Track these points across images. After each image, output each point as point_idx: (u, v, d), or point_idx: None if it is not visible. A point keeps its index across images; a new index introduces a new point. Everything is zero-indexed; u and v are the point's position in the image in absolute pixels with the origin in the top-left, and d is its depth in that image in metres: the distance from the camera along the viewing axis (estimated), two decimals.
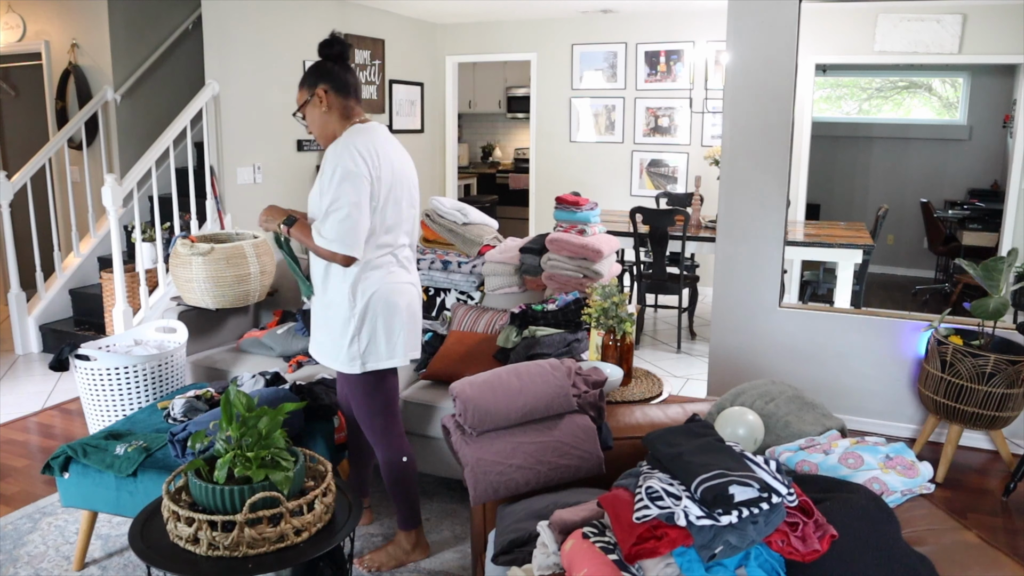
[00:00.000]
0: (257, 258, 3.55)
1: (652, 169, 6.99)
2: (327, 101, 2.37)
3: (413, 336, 2.49)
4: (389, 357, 2.42)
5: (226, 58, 5.25)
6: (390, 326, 2.40)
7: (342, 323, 2.39)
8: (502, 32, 7.42)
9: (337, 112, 2.39)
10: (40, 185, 5.33)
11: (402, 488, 2.59)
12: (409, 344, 2.47)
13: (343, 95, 2.39)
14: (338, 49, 2.39)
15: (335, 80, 2.37)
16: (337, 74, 2.38)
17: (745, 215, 3.80)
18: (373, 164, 2.29)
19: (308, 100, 2.38)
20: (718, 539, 1.43)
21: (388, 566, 2.63)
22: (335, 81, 2.37)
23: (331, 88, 2.36)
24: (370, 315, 2.37)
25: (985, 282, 3.20)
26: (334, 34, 2.41)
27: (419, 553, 2.69)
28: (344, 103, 2.40)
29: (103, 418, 3.23)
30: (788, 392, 2.17)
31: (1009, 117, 6.65)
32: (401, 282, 2.45)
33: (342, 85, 2.38)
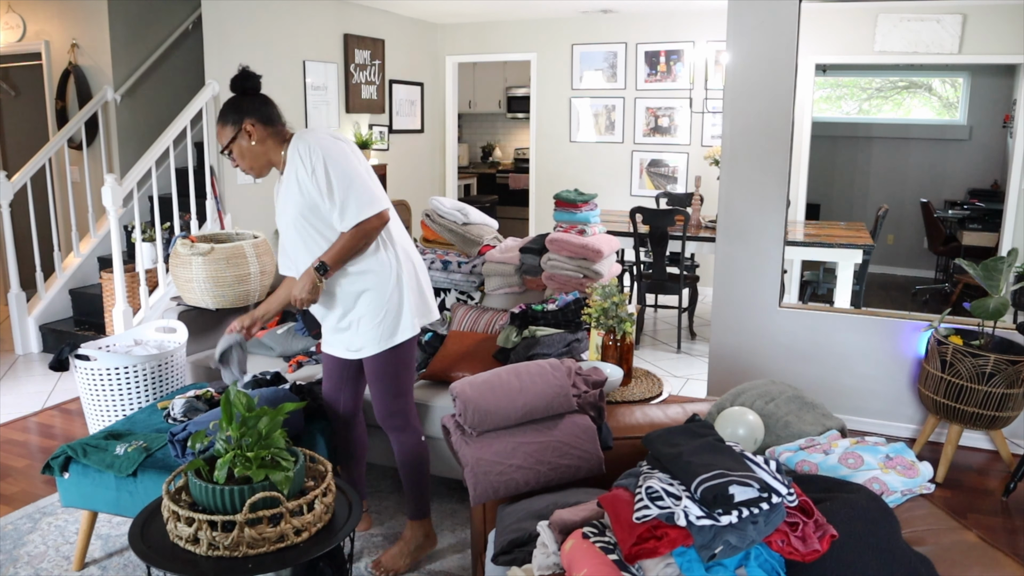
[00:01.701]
0: (257, 258, 3.55)
1: (652, 169, 6.99)
2: (256, 134, 2.38)
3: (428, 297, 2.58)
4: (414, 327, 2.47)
5: (226, 58, 5.25)
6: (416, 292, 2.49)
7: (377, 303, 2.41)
8: (502, 32, 7.42)
9: (271, 139, 2.41)
10: (40, 185, 5.33)
11: (419, 473, 2.60)
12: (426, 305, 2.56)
13: (270, 124, 2.40)
14: (252, 83, 2.43)
15: (258, 112, 2.39)
16: (258, 107, 2.39)
17: (745, 215, 3.80)
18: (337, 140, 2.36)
19: (236, 136, 2.38)
20: (718, 539, 1.43)
21: (406, 566, 2.62)
22: (259, 113, 2.39)
23: (258, 121, 2.38)
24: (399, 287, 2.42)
25: (985, 282, 3.20)
26: (244, 69, 2.43)
27: (429, 544, 2.69)
28: (274, 129, 2.41)
29: (103, 418, 3.23)
30: (788, 392, 2.17)
31: (1009, 117, 6.65)
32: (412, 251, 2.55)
33: (266, 115, 2.40)
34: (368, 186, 2.32)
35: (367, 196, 2.30)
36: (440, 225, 3.79)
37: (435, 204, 3.82)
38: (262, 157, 2.42)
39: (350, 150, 2.37)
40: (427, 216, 3.84)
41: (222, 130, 2.41)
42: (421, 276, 2.56)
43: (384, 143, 6.96)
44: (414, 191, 7.45)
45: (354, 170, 2.31)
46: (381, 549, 2.77)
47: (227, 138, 2.40)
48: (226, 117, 2.40)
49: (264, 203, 5.71)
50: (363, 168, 2.37)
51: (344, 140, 2.40)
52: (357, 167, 2.33)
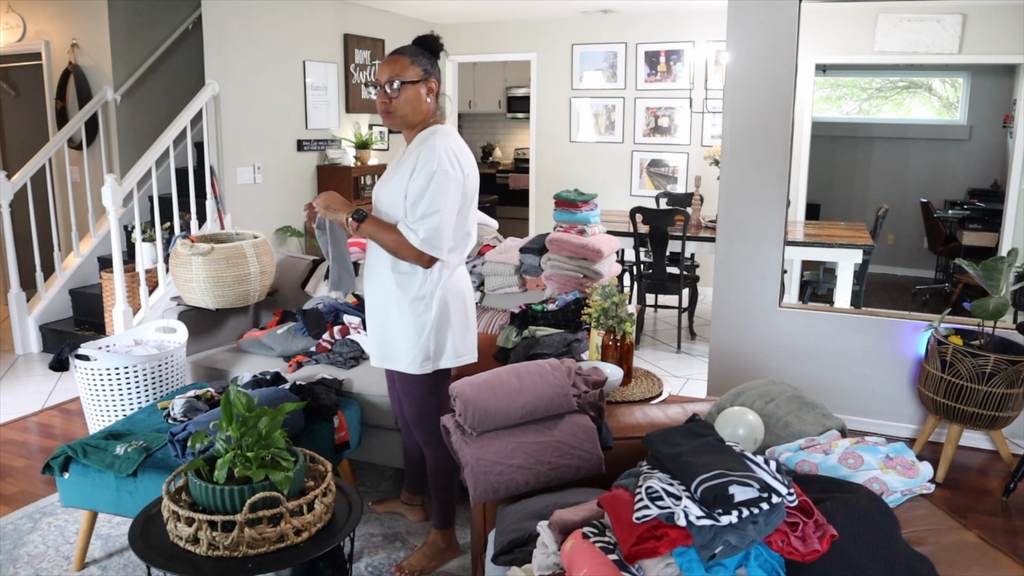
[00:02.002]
0: (257, 258, 3.55)
1: (652, 169, 6.99)
2: (432, 95, 2.36)
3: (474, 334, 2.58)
4: (459, 355, 2.49)
5: (226, 58, 5.25)
6: (463, 325, 2.49)
7: (416, 323, 2.41)
8: (502, 32, 7.42)
9: (433, 107, 2.38)
10: (40, 185, 5.33)
11: (446, 487, 2.63)
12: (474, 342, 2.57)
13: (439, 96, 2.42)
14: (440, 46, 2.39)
15: (440, 79, 2.40)
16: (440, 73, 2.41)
17: (745, 215, 3.80)
18: (463, 171, 2.34)
19: (419, 82, 2.31)
20: (718, 539, 1.43)
21: (429, 568, 2.63)
22: (440, 80, 2.40)
23: (437, 87, 2.38)
24: (446, 315, 2.43)
25: (985, 282, 3.20)
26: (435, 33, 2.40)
27: (452, 552, 2.70)
28: (437, 103, 2.42)
29: (103, 418, 3.23)
30: (788, 392, 2.17)
31: (1009, 117, 6.65)
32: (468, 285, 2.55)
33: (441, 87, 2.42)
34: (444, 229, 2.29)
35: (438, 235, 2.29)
36: None
37: None
38: (420, 115, 2.36)
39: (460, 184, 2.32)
40: None
41: (411, 66, 2.30)
42: (470, 313, 2.55)
43: (384, 143, 6.96)
44: None
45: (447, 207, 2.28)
46: (381, 549, 2.77)
47: (412, 76, 2.29)
48: (420, 58, 2.32)
49: (264, 203, 5.72)
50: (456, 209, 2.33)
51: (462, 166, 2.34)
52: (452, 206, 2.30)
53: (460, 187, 2.32)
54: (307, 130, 6.07)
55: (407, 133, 2.42)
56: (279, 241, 5.88)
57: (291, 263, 4.05)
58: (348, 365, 3.26)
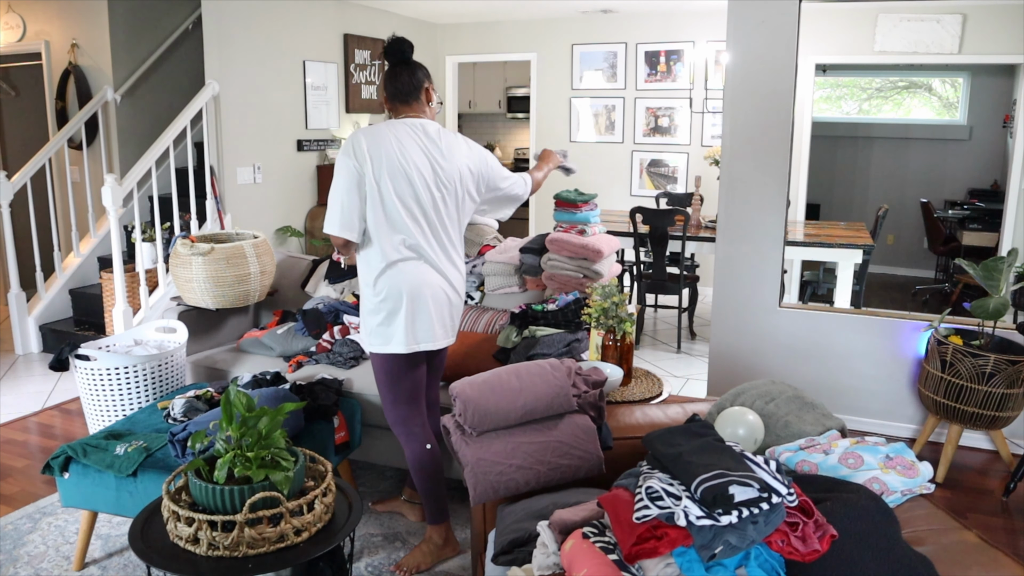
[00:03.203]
0: (257, 258, 3.55)
1: (652, 169, 6.99)
2: (387, 107, 2.60)
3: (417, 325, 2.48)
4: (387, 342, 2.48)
5: (226, 58, 5.25)
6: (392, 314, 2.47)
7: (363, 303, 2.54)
8: (502, 32, 7.42)
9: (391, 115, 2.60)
10: (40, 185, 5.33)
11: (429, 480, 2.62)
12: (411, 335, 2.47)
13: (393, 100, 2.58)
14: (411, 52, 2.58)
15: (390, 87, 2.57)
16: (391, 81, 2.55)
17: (745, 215, 3.80)
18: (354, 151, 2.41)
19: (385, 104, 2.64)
20: (718, 539, 1.43)
21: (426, 565, 2.64)
22: (389, 88, 2.57)
23: (387, 96, 2.59)
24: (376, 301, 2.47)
25: (985, 282, 3.20)
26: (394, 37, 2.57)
27: (450, 548, 2.70)
28: (393, 107, 2.59)
29: (103, 418, 3.23)
30: (788, 392, 2.17)
31: (1009, 117, 6.65)
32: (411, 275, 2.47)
33: (392, 91, 2.57)
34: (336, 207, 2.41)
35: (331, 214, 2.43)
36: None
37: None
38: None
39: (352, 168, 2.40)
40: None
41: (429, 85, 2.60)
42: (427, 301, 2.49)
43: None
44: None
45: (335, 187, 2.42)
46: (381, 549, 2.77)
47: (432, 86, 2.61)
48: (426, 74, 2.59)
49: (264, 203, 5.72)
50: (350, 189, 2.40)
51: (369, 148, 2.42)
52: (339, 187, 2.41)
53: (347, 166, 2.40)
54: (307, 130, 6.07)
55: None
56: (279, 241, 5.88)
57: (291, 263, 4.05)
58: (348, 365, 3.26)
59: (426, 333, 2.50)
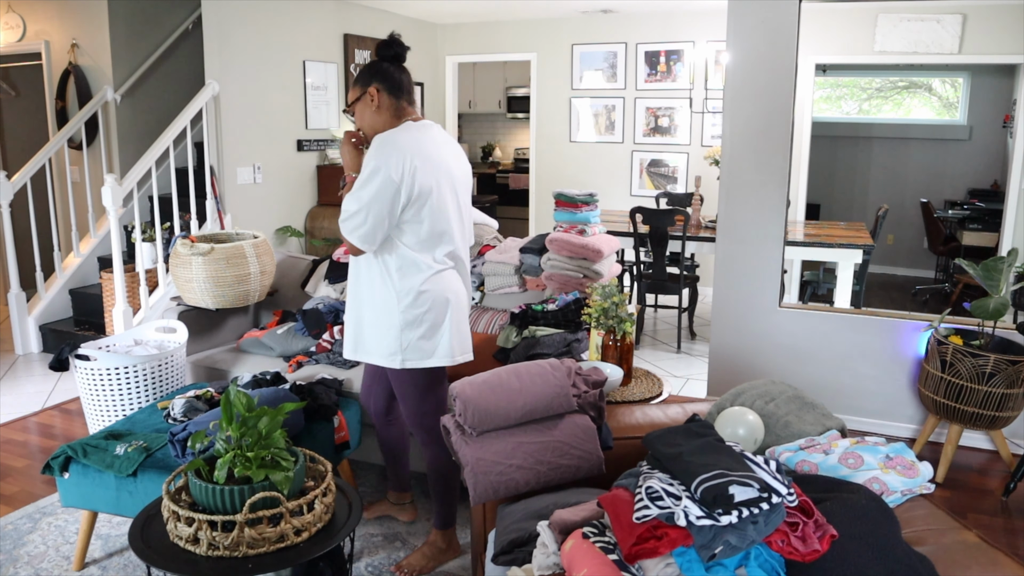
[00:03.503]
0: (257, 258, 3.55)
1: (652, 169, 6.99)
2: (378, 100, 2.39)
3: (459, 337, 2.49)
4: (430, 356, 2.44)
5: (226, 58, 5.25)
6: (448, 328, 2.43)
7: (387, 318, 2.40)
8: (502, 32, 7.42)
9: (388, 111, 2.41)
10: (40, 185, 5.33)
11: (446, 486, 2.62)
12: (455, 345, 2.47)
13: (395, 95, 2.41)
14: (395, 51, 2.43)
15: (388, 80, 2.40)
16: (391, 74, 2.41)
17: (745, 215, 3.80)
18: (403, 166, 2.27)
19: (360, 97, 2.41)
20: (718, 539, 1.43)
21: (428, 568, 2.64)
22: (388, 81, 2.40)
23: (384, 88, 2.39)
24: (417, 313, 2.39)
25: (985, 282, 3.20)
26: (393, 36, 2.44)
27: (452, 552, 2.70)
28: (395, 103, 2.42)
29: (103, 418, 3.23)
30: (788, 392, 2.17)
31: (1009, 117, 6.65)
32: (451, 285, 2.46)
33: (395, 85, 2.41)
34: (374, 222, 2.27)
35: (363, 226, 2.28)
36: None
37: None
38: (378, 124, 2.42)
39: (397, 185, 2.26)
40: None
41: (352, 89, 2.45)
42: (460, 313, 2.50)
43: None
44: None
45: (378, 202, 2.25)
46: (381, 549, 2.77)
47: (354, 96, 2.43)
48: (358, 77, 2.43)
49: (264, 203, 5.72)
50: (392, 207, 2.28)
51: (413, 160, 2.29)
52: (383, 201, 2.26)
53: (389, 181, 2.25)
54: (307, 130, 6.08)
55: None
56: (279, 241, 5.88)
57: (291, 263, 4.05)
58: (348, 365, 3.26)
59: (466, 343, 2.52)
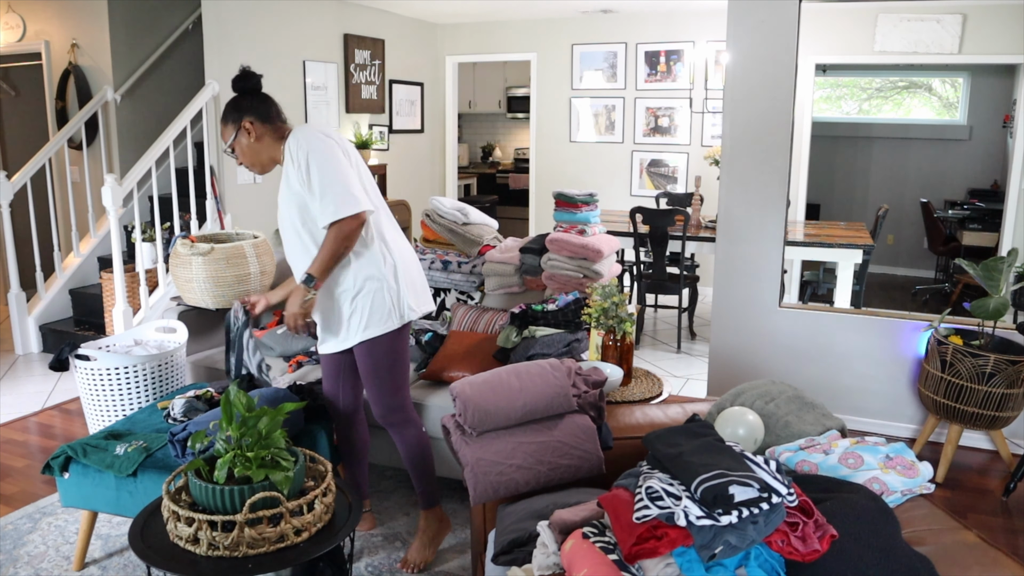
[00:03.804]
0: (257, 258, 3.55)
1: (652, 169, 6.99)
2: (255, 131, 2.45)
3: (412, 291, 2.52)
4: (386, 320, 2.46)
5: (226, 58, 5.25)
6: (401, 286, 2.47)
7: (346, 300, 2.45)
8: (502, 32, 7.42)
9: (269, 137, 2.47)
10: (40, 185, 5.33)
11: (425, 465, 2.63)
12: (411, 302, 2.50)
13: (268, 121, 2.47)
14: (252, 83, 2.48)
15: (256, 110, 2.45)
16: (256, 105, 2.46)
17: (745, 215, 3.80)
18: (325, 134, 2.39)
19: (236, 134, 2.47)
20: (718, 539, 1.43)
21: (432, 555, 2.65)
22: (256, 111, 2.45)
23: (256, 119, 2.45)
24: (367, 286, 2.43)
25: (985, 282, 3.20)
26: (244, 68, 2.49)
27: (445, 528, 2.72)
28: (272, 127, 2.47)
29: (103, 418, 3.23)
30: (788, 392, 2.17)
31: (1009, 117, 6.65)
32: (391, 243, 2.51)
33: (264, 113, 2.46)
34: (348, 185, 2.32)
35: (345, 194, 2.30)
36: (440, 225, 3.79)
37: (435, 204, 3.82)
38: (262, 154, 2.50)
39: (340, 149, 2.39)
40: (427, 216, 3.84)
41: (224, 129, 2.51)
42: (412, 270, 2.56)
43: (384, 143, 6.96)
44: (414, 191, 7.45)
45: (337, 167, 2.32)
46: (381, 549, 2.77)
47: (229, 136, 2.49)
48: (227, 116, 2.49)
49: (264, 203, 5.71)
50: (350, 168, 2.38)
51: (337, 138, 2.43)
52: (342, 165, 2.34)
53: (338, 146, 2.37)
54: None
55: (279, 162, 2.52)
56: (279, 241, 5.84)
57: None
58: None
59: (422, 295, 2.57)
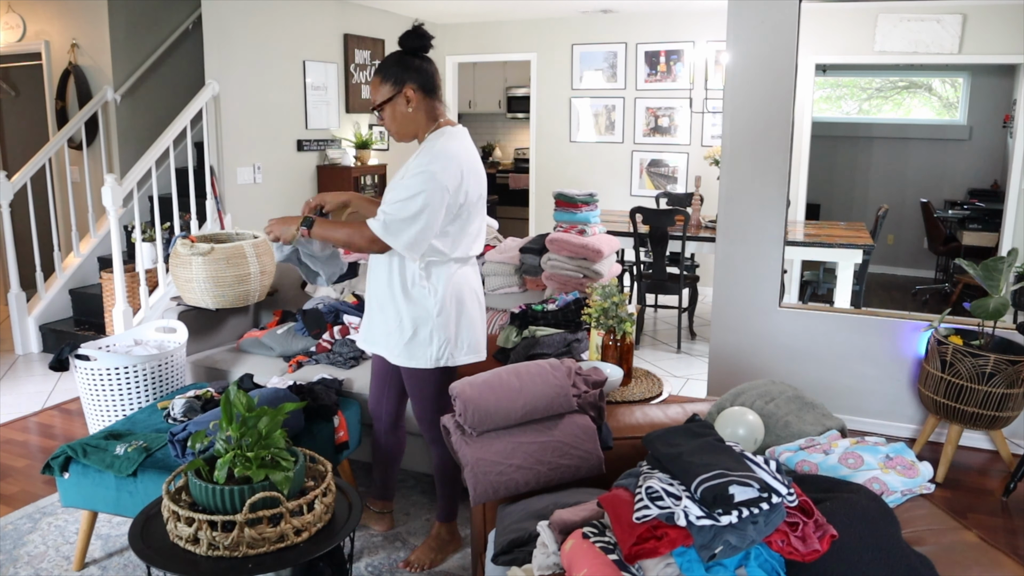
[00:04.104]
0: (257, 258, 3.55)
1: (652, 169, 6.99)
2: (415, 101, 2.26)
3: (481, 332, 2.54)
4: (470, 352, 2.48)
5: (226, 58, 5.25)
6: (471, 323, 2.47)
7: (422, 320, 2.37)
8: (502, 32, 7.42)
9: (424, 113, 2.29)
10: (40, 185, 5.33)
11: (453, 483, 2.65)
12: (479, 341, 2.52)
13: (431, 95, 2.28)
14: (423, 42, 2.26)
15: (424, 78, 2.25)
16: (425, 71, 2.26)
17: (745, 215, 3.80)
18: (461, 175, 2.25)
19: (393, 98, 2.25)
20: (718, 539, 1.43)
21: (437, 561, 2.66)
22: (424, 79, 2.25)
23: (419, 87, 2.25)
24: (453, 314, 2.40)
25: (985, 282, 3.20)
26: (417, 26, 2.26)
27: (455, 544, 2.73)
28: (432, 104, 2.30)
29: (103, 418, 3.23)
30: (788, 392, 2.17)
31: (1009, 117, 6.65)
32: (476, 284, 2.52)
33: (431, 84, 2.27)
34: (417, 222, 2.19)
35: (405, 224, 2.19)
36: None
37: None
38: (412, 125, 2.30)
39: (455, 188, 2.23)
40: None
41: (381, 86, 2.27)
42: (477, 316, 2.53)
43: (384, 143, 6.96)
44: None
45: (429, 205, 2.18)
46: (381, 549, 2.77)
47: (384, 96, 2.26)
48: (389, 73, 2.24)
49: (264, 203, 5.72)
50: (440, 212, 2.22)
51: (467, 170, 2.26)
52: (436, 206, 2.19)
53: (444, 192, 2.21)
54: (307, 130, 6.08)
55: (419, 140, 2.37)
56: None
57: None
58: (348, 365, 3.26)
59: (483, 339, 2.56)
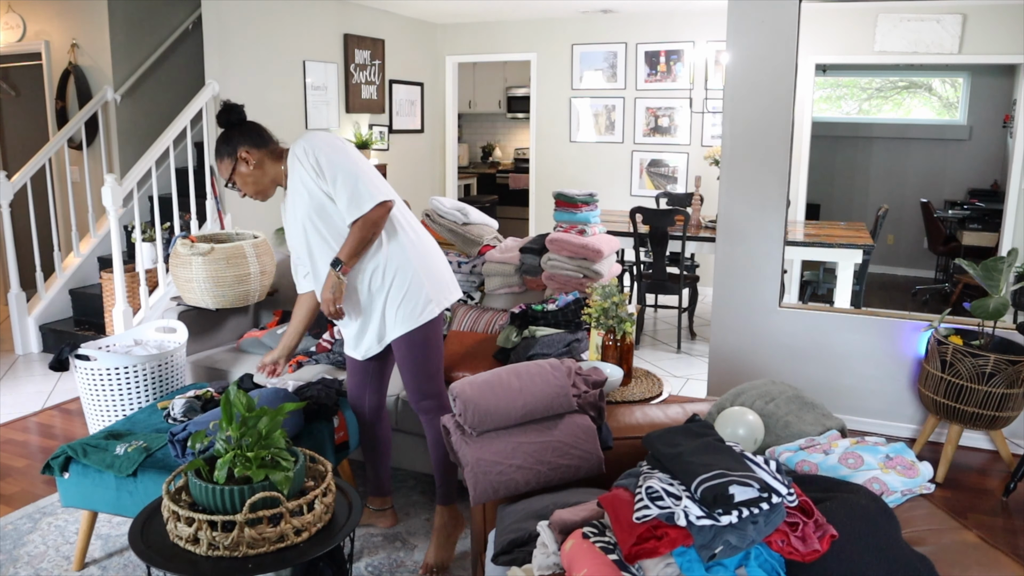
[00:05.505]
0: (257, 258, 3.55)
1: (652, 169, 6.99)
2: (253, 158, 2.45)
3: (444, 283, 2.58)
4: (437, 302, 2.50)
5: (226, 58, 5.25)
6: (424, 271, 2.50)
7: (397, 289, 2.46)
8: (502, 32, 7.42)
9: (267, 160, 2.48)
10: (40, 185, 5.33)
11: (450, 461, 2.63)
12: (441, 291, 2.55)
13: (264, 145, 2.48)
14: (237, 115, 2.48)
15: (249, 136, 2.46)
16: (247, 131, 2.46)
17: (745, 215, 3.80)
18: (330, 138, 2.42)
19: (235, 167, 2.46)
20: (718, 539, 1.43)
21: (451, 557, 2.66)
22: (249, 137, 2.46)
23: (250, 145, 2.45)
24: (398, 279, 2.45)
25: (985, 282, 3.20)
26: (226, 103, 2.49)
27: (460, 526, 2.73)
28: (268, 150, 2.48)
29: (103, 418, 3.23)
30: (788, 392, 2.17)
31: (1009, 117, 6.65)
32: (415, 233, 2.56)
33: (257, 139, 2.47)
34: (371, 176, 2.39)
35: (371, 186, 2.36)
36: (440, 225, 3.79)
37: (435, 204, 3.82)
38: (264, 178, 2.50)
39: (348, 146, 2.45)
40: (427, 216, 3.84)
41: (220, 165, 2.49)
42: (438, 259, 2.59)
43: (384, 143, 6.96)
44: (414, 191, 7.45)
45: (355, 162, 2.38)
46: (381, 549, 2.77)
47: (228, 170, 2.48)
48: (221, 152, 2.47)
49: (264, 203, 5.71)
50: (363, 161, 2.44)
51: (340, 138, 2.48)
52: (358, 158, 2.41)
53: (345, 143, 2.42)
54: (307, 130, 6.07)
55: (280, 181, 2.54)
56: (279, 241, 5.88)
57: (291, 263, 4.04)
58: None
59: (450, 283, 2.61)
